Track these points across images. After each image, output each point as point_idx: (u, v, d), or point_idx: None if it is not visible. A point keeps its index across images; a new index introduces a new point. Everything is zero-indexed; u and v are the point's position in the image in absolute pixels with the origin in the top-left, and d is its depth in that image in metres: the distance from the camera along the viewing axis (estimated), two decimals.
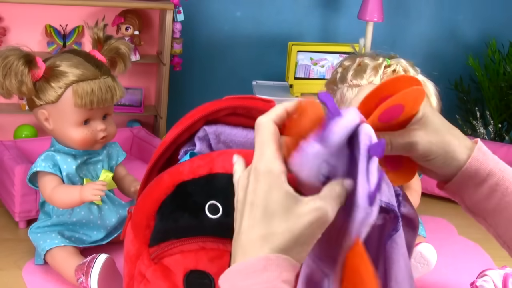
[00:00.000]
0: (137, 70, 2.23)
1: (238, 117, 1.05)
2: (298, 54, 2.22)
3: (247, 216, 0.67)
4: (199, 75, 2.46)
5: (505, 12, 2.59)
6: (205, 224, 0.99)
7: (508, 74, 2.33)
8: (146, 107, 2.30)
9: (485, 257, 1.71)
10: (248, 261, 0.64)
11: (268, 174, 0.65)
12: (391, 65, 1.51)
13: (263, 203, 0.65)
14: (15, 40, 1.90)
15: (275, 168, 0.65)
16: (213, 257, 0.98)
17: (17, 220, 1.70)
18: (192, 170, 0.99)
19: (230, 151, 0.99)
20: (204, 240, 0.98)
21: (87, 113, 1.50)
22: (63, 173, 1.51)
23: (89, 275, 1.37)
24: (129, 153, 2.00)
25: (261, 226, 0.65)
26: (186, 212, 1.00)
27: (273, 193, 0.65)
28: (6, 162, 1.71)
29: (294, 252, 0.64)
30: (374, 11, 2.20)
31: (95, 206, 1.55)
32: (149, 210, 1.02)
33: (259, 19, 2.44)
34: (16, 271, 1.52)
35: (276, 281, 0.62)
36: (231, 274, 0.65)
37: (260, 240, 0.64)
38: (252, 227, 0.65)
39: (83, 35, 2.18)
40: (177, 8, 2.15)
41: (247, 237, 0.66)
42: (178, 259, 0.99)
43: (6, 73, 1.44)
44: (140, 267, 1.04)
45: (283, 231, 0.64)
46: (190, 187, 0.99)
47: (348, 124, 0.64)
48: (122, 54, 1.60)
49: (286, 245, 0.64)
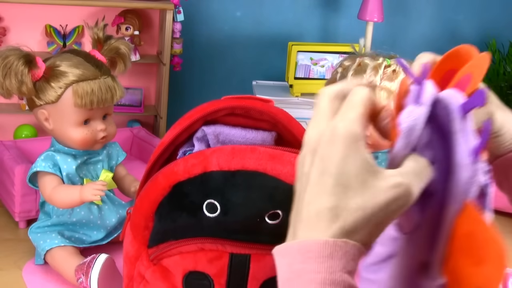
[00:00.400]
0: (137, 70, 2.23)
1: (236, 117, 1.05)
2: (298, 54, 2.22)
3: (315, 183, 0.56)
4: (199, 75, 2.46)
5: (505, 12, 2.59)
6: (203, 223, 0.99)
7: (508, 74, 2.33)
8: (146, 107, 2.30)
9: None
10: (312, 242, 0.56)
11: (348, 137, 0.56)
12: (391, 65, 1.51)
13: (336, 170, 0.55)
14: (15, 40, 1.90)
15: (356, 131, 0.56)
16: (212, 258, 0.98)
17: (17, 220, 1.70)
18: (186, 170, 0.99)
19: (224, 148, 1.00)
20: (203, 241, 0.98)
21: (87, 113, 1.50)
22: (63, 173, 1.51)
23: (89, 275, 1.37)
24: (129, 153, 2.00)
25: (332, 197, 0.55)
26: (184, 212, 1.00)
27: (350, 160, 0.55)
28: (6, 162, 1.71)
29: (364, 233, 0.56)
30: (374, 11, 2.20)
31: (95, 206, 1.55)
32: (147, 211, 1.02)
33: (259, 19, 2.44)
34: (16, 271, 1.52)
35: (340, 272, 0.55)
36: (291, 251, 0.57)
37: (329, 213, 0.55)
38: (320, 196, 0.56)
39: (83, 35, 2.18)
40: (177, 8, 2.15)
41: (314, 207, 0.56)
42: (177, 260, 0.99)
43: (6, 73, 1.43)
44: (140, 268, 1.04)
45: (356, 207, 0.55)
46: (186, 187, 0.99)
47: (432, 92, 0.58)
48: (122, 54, 1.60)
49: (357, 225, 0.55)
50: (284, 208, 0.97)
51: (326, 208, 0.55)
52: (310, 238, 0.56)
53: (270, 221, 0.97)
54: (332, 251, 0.55)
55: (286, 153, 0.99)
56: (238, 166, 0.97)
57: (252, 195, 0.97)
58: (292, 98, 2.23)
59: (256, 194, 0.97)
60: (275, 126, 1.06)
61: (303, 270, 0.55)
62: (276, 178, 0.97)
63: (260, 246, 0.98)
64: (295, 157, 0.99)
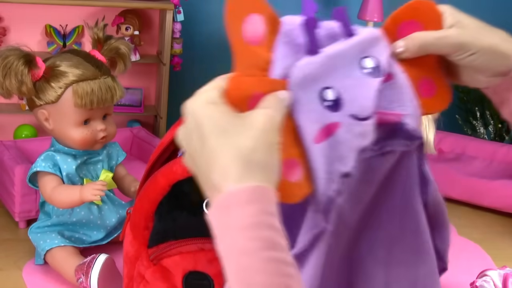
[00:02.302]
0: (137, 70, 2.23)
1: None
2: None
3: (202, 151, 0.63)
4: (199, 75, 2.45)
5: (505, 12, 2.59)
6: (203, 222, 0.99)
7: None
8: (146, 107, 2.30)
9: (485, 257, 1.71)
10: (226, 196, 0.60)
11: (201, 103, 0.65)
12: None
13: (210, 126, 0.62)
14: (15, 40, 1.90)
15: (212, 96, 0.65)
16: (211, 258, 0.98)
17: (17, 220, 1.70)
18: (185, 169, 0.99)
19: None
20: (203, 242, 0.98)
21: (87, 113, 1.50)
22: (63, 173, 1.51)
23: (89, 275, 1.37)
24: (129, 153, 2.00)
25: (224, 143, 0.61)
26: (184, 211, 1.00)
27: (215, 115, 0.63)
28: (6, 162, 1.71)
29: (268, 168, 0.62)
30: (374, 11, 2.20)
31: (95, 206, 1.55)
32: (147, 211, 1.02)
33: None
34: (16, 271, 1.52)
35: (262, 215, 0.59)
36: (213, 212, 0.62)
37: (230, 161, 0.61)
38: (214, 154, 0.62)
39: (83, 35, 2.18)
40: (177, 8, 2.15)
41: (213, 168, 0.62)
42: (177, 260, 0.99)
43: (6, 73, 1.43)
44: (140, 268, 1.04)
45: (245, 141, 0.61)
46: (185, 186, 0.99)
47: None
48: (122, 54, 1.60)
49: (256, 156, 0.61)
50: None
51: (226, 159, 0.61)
52: (224, 192, 0.60)
53: None
54: (248, 197, 0.60)
55: None
56: None
57: None
58: None
59: None
60: None
61: (227, 223, 0.60)
62: None
63: None
64: None
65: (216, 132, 0.62)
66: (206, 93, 0.66)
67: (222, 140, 0.61)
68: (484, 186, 1.94)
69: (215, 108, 0.64)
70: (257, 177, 0.61)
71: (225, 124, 0.62)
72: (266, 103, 0.65)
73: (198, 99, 0.65)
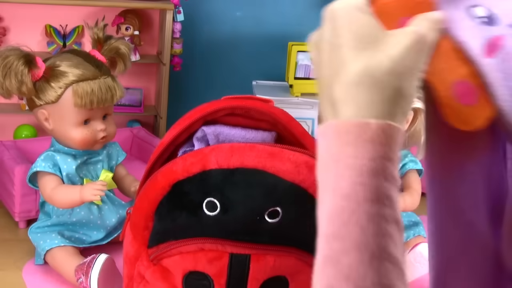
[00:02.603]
0: (137, 70, 2.23)
1: (236, 117, 1.05)
2: (298, 54, 2.21)
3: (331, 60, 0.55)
4: (199, 75, 2.46)
5: None
6: (203, 222, 0.99)
7: None
8: (146, 107, 2.30)
9: None
10: (351, 124, 0.52)
11: (346, 7, 0.56)
12: None
13: (349, 35, 0.54)
14: (15, 40, 1.90)
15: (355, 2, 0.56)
16: (211, 258, 0.98)
17: (17, 220, 1.70)
18: (185, 169, 0.99)
19: (222, 146, 1.00)
20: (203, 241, 0.98)
21: (87, 113, 1.50)
22: (63, 173, 1.51)
23: (89, 275, 1.37)
24: (129, 153, 2.00)
25: (357, 58, 0.53)
26: (184, 211, 1.00)
27: (359, 22, 0.55)
28: (6, 162, 1.71)
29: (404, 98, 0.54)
30: None
31: (95, 206, 1.55)
32: (147, 211, 1.02)
33: (259, 19, 2.44)
34: (16, 271, 1.52)
35: (381, 159, 0.51)
36: (328, 132, 0.54)
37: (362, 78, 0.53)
38: (344, 64, 0.54)
39: (83, 35, 2.18)
40: (177, 8, 2.15)
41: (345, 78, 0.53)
42: (177, 260, 0.99)
43: (6, 73, 1.43)
44: (139, 268, 1.04)
45: (381, 58, 0.53)
46: (185, 186, 0.99)
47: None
48: (122, 54, 1.60)
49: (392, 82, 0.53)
50: (284, 205, 0.98)
51: (358, 72, 0.53)
52: (350, 117, 0.53)
53: (269, 219, 0.97)
54: (373, 135, 0.52)
55: (285, 151, 0.99)
56: (237, 163, 0.97)
57: (252, 193, 0.97)
58: (292, 98, 2.23)
59: (255, 191, 0.97)
60: (275, 126, 1.06)
61: (341, 154, 0.52)
62: (275, 175, 0.97)
63: (260, 246, 0.98)
64: (294, 155, 0.99)
65: (355, 42, 0.54)
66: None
67: (360, 54, 0.54)
68: None
69: (361, 16, 0.56)
70: (385, 108, 0.53)
71: (368, 36, 0.54)
72: (416, 22, 0.57)
73: (345, 1, 0.56)
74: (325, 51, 0.56)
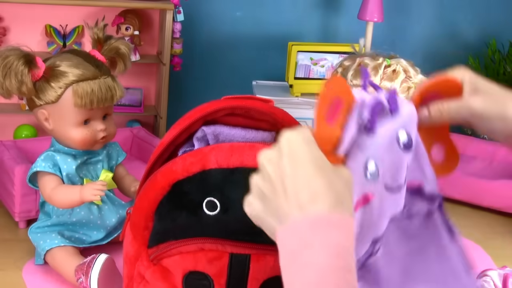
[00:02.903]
0: (137, 70, 2.23)
1: (236, 118, 1.05)
2: (298, 54, 2.21)
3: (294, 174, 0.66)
4: (199, 75, 2.46)
5: (505, 12, 2.59)
6: (203, 222, 0.99)
7: (508, 74, 2.33)
8: (146, 107, 2.30)
9: (485, 257, 1.71)
10: (317, 215, 0.64)
11: (302, 139, 0.68)
12: (391, 65, 1.51)
13: (310, 159, 0.66)
14: (15, 40, 1.90)
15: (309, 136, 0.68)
16: (212, 258, 0.98)
17: (17, 220, 1.70)
18: (185, 168, 0.99)
19: (222, 145, 1.00)
20: (203, 241, 0.98)
21: (87, 113, 1.50)
22: (63, 173, 1.51)
23: (89, 275, 1.37)
24: (129, 153, 2.00)
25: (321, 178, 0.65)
26: (184, 211, 1.00)
27: (313, 152, 0.67)
28: (6, 162, 1.71)
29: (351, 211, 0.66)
30: (374, 11, 2.20)
31: (95, 206, 1.55)
32: (147, 211, 1.02)
33: (259, 19, 2.44)
34: (16, 271, 1.52)
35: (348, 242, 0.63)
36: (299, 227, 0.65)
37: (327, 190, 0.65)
38: (310, 179, 0.65)
39: (83, 35, 2.18)
40: (177, 8, 2.15)
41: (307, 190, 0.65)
42: (177, 260, 0.99)
43: (6, 73, 1.43)
44: (139, 268, 1.04)
45: (339, 183, 0.66)
46: (185, 186, 0.99)
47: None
48: (122, 54, 1.60)
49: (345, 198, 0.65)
50: None
51: (320, 186, 0.64)
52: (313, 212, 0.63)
53: None
54: (339, 223, 0.63)
55: None
56: (236, 163, 0.97)
57: None
58: (292, 98, 2.23)
59: None
60: (275, 126, 1.06)
61: (312, 240, 0.62)
62: None
63: (260, 246, 0.98)
64: None
65: (314, 164, 0.66)
66: (304, 132, 0.69)
67: (320, 172, 0.65)
68: (484, 186, 1.94)
69: (313, 147, 0.67)
70: (345, 212, 0.65)
71: (322, 163, 0.66)
72: None
73: (297, 134, 0.69)
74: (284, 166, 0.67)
